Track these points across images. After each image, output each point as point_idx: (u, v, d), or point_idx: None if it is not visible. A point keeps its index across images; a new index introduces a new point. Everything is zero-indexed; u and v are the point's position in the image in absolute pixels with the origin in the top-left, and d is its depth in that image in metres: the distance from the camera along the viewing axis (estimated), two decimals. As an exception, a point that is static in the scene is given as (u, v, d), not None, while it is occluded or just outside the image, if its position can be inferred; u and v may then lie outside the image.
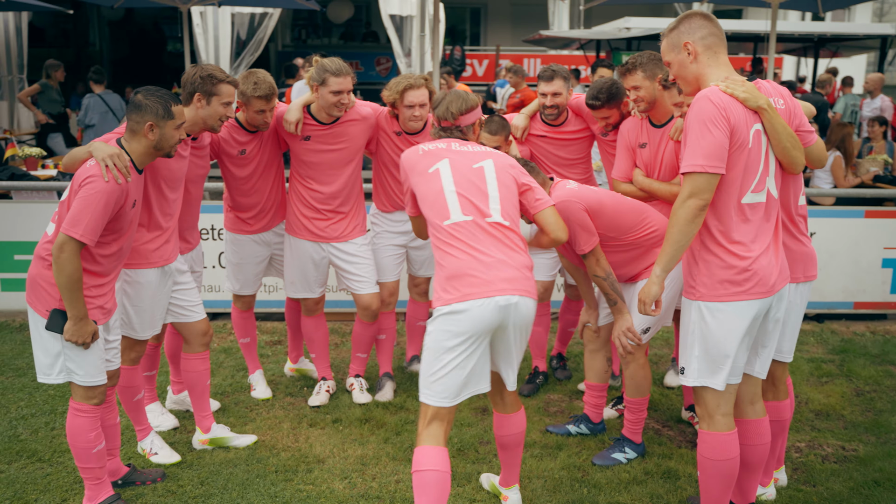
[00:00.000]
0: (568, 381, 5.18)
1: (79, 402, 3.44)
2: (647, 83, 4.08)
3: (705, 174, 2.99)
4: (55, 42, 20.00)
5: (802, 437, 4.43)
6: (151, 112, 3.39)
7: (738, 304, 3.08)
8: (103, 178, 3.23)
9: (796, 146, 3.17)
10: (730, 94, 3.02)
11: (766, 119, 3.08)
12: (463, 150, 3.41)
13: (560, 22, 17.83)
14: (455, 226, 3.19)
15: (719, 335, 3.11)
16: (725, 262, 3.08)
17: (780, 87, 3.31)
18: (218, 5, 11.17)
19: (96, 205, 3.21)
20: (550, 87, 4.60)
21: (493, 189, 3.29)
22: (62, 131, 10.82)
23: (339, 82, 4.25)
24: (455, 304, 3.07)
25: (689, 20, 3.16)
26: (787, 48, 15.22)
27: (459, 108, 3.51)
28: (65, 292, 3.23)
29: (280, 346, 5.82)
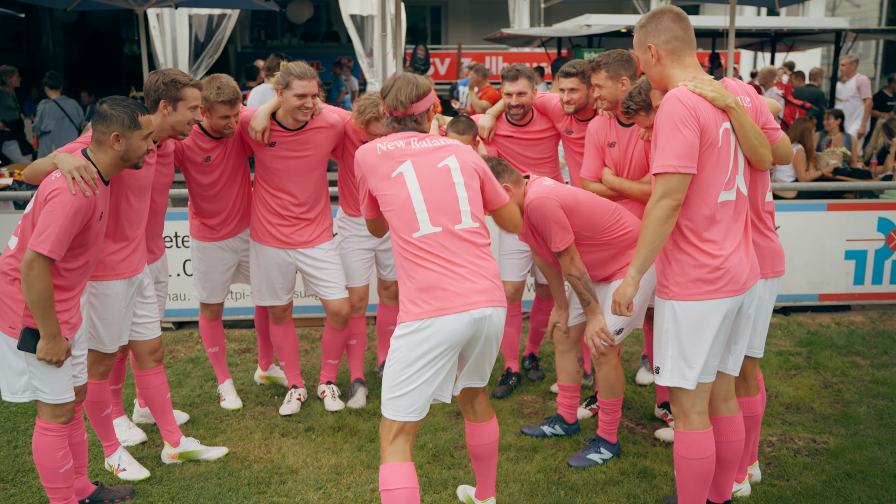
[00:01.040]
0: (541, 381, 5.18)
1: (46, 420, 3.34)
2: (610, 83, 4.09)
3: (677, 174, 2.99)
4: (6, 46, 19.54)
5: (774, 431, 4.47)
6: (117, 122, 3.29)
7: (711, 303, 3.09)
8: (70, 191, 3.14)
9: (764, 144, 3.19)
10: (698, 93, 3.03)
11: (735, 118, 3.09)
12: (423, 146, 3.17)
13: (521, 20, 17.88)
14: (424, 238, 3.05)
15: (693, 334, 3.11)
16: (698, 261, 3.09)
17: (746, 85, 3.33)
18: (175, 7, 10.98)
19: (63, 218, 3.11)
20: (515, 86, 4.58)
21: (461, 190, 3.13)
22: (17, 138, 10.55)
23: (304, 85, 4.18)
24: (428, 318, 2.97)
25: (656, 20, 3.15)
26: (744, 43, 15.42)
27: (409, 96, 3.21)
28: (36, 310, 3.13)
29: (249, 353, 5.73)
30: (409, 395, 3.02)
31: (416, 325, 2.98)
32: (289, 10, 19.30)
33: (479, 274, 3.05)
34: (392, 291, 5.05)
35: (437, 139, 3.24)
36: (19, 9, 14.25)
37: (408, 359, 3.00)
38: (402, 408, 3.03)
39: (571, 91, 4.46)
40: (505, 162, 3.88)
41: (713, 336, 3.12)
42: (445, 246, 3.04)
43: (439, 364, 3.01)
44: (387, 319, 5.11)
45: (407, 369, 3.00)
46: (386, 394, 3.07)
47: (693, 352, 3.13)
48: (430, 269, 3.01)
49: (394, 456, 3.04)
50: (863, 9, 24.79)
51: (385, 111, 3.31)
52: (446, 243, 3.05)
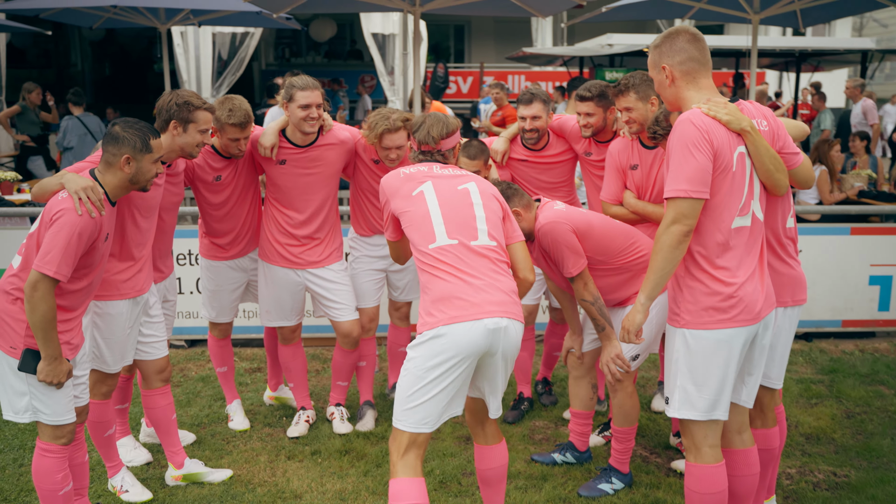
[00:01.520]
0: (554, 406, 5.07)
1: (46, 441, 3.30)
2: (640, 105, 4.01)
3: (689, 199, 2.91)
4: (37, 63, 19.86)
5: (793, 463, 4.33)
6: (129, 145, 3.28)
7: (724, 332, 3.00)
8: (76, 212, 3.11)
9: (780, 169, 3.10)
10: (712, 116, 2.95)
11: (750, 141, 3.01)
12: (445, 172, 3.33)
13: (543, 39, 17.87)
14: (440, 249, 3.08)
15: (704, 364, 3.02)
16: (710, 289, 2.99)
17: (762, 107, 3.24)
18: (198, 25, 11.08)
19: (69, 239, 3.08)
20: (529, 110, 4.51)
21: (479, 210, 3.20)
22: (42, 154, 10.67)
23: (307, 96, 4.15)
24: (442, 326, 2.95)
25: (671, 40, 3.08)
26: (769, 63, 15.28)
27: (440, 133, 3.41)
28: (38, 332, 3.10)
29: (260, 373, 5.68)
30: (422, 406, 2.99)
31: (431, 333, 2.97)
32: (312, 28, 19.43)
33: (496, 287, 3.05)
34: (403, 313, 4.98)
35: (459, 170, 3.38)
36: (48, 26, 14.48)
37: (422, 369, 2.98)
38: (416, 419, 3.00)
39: (587, 115, 4.38)
40: (515, 186, 3.82)
41: (725, 367, 3.01)
42: (461, 258, 3.07)
43: (454, 375, 2.98)
44: (397, 341, 5.04)
45: (421, 379, 2.98)
46: (399, 405, 3.04)
47: (704, 383, 3.03)
48: (445, 279, 3.03)
49: (405, 470, 3.00)
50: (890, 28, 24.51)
51: (414, 145, 3.46)
52: (462, 255, 3.08)
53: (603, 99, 4.32)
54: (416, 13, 7.40)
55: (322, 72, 21.15)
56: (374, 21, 13.00)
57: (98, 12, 9.70)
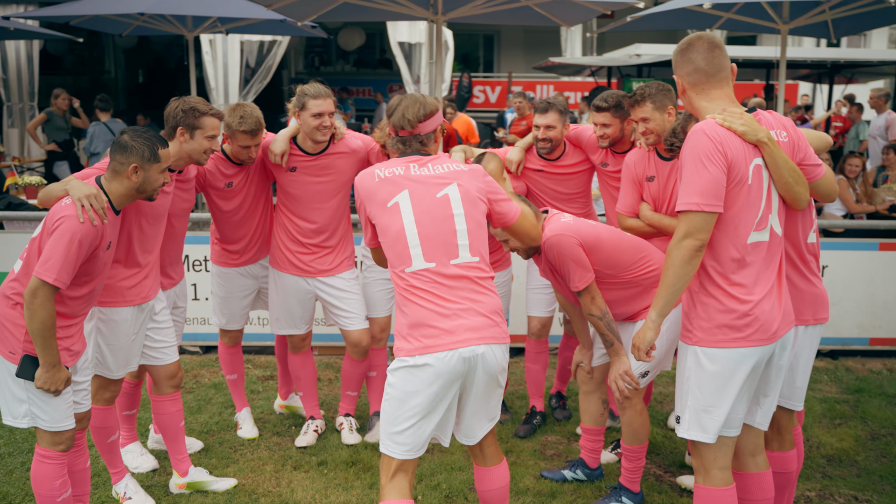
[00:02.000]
0: (567, 421, 4.97)
1: (45, 447, 3.28)
2: (657, 115, 3.92)
3: (701, 213, 2.81)
4: (72, 69, 20.17)
5: (813, 486, 4.19)
6: (137, 154, 3.26)
7: (737, 351, 2.88)
8: (78, 219, 3.10)
9: (799, 181, 2.98)
10: (727, 127, 2.86)
11: (767, 153, 2.90)
12: (423, 174, 3.04)
13: (573, 49, 17.76)
14: (416, 273, 2.93)
15: (716, 384, 2.91)
16: (724, 306, 2.88)
17: (782, 117, 3.12)
18: (226, 33, 11.15)
19: (69, 247, 3.06)
20: (544, 119, 4.44)
21: (460, 222, 2.99)
22: (69, 159, 10.80)
23: (318, 104, 4.11)
24: (417, 356, 2.87)
25: (683, 51, 3.00)
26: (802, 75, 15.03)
27: (417, 115, 3.11)
28: (37, 339, 3.08)
29: (273, 381, 5.65)
30: (405, 432, 2.92)
31: (408, 361, 2.90)
32: (340, 37, 19.52)
33: (474, 311, 2.92)
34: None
35: (440, 164, 3.10)
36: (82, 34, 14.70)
37: (400, 395, 2.91)
38: (399, 444, 2.93)
39: (604, 126, 4.30)
40: (521, 197, 3.74)
41: (738, 387, 2.90)
42: (438, 282, 2.93)
43: (433, 402, 2.90)
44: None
45: (400, 406, 2.92)
46: (383, 430, 2.97)
47: (715, 403, 2.92)
48: (421, 304, 2.92)
49: (392, 493, 2.94)
50: (929, 40, 24.01)
51: (391, 131, 3.21)
52: (439, 279, 2.93)
53: (619, 109, 4.24)
54: (439, 22, 7.36)
55: (351, 80, 21.25)
56: (400, 30, 13.01)
57: (127, 20, 9.80)
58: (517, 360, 5.86)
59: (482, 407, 3.06)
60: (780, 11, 7.45)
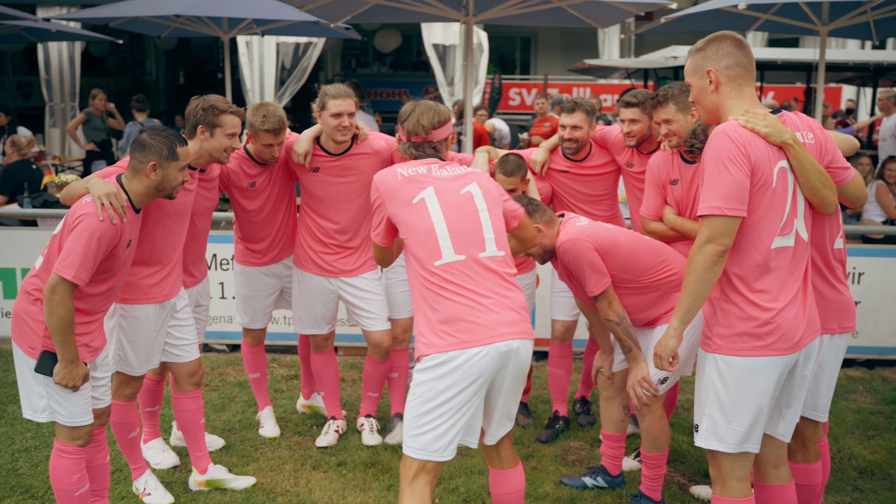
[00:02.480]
0: (591, 427, 4.90)
1: (63, 442, 3.31)
2: (680, 116, 3.84)
3: (724, 217, 2.73)
4: (115, 71, 20.55)
5: (843, 499, 4.07)
6: (155, 152, 3.28)
7: (759, 360, 2.80)
8: (97, 217, 3.13)
9: (827, 185, 2.89)
10: (750, 128, 2.78)
11: (793, 155, 2.81)
12: (445, 174, 3.11)
13: (610, 51, 17.61)
14: (447, 266, 2.93)
15: (736, 393, 2.83)
16: (745, 313, 2.80)
17: (810, 119, 3.03)
18: (261, 35, 11.26)
19: (88, 244, 3.09)
20: (571, 119, 4.38)
21: (484, 217, 3.03)
22: (106, 158, 10.99)
23: (338, 104, 4.11)
24: (453, 350, 2.83)
25: (717, 44, 2.89)
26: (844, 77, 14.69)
27: (431, 122, 3.18)
28: (56, 335, 3.11)
29: (296, 380, 5.66)
30: (431, 432, 2.87)
31: (440, 358, 2.84)
32: (377, 39, 19.60)
33: (506, 305, 2.91)
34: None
35: (457, 168, 3.15)
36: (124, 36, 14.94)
37: (430, 394, 2.86)
38: (423, 445, 2.88)
39: (632, 122, 4.23)
40: (537, 201, 3.70)
41: (759, 398, 2.82)
42: (469, 276, 2.92)
43: (464, 401, 2.86)
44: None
45: (429, 404, 2.86)
46: (407, 430, 2.93)
47: (735, 413, 2.84)
48: (454, 300, 2.88)
49: (412, 498, 2.89)
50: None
51: (403, 136, 3.25)
52: (470, 273, 2.93)
53: (649, 106, 4.16)
54: (470, 23, 7.34)
55: (387, 82, 21.32)
56: (435, 32, 13.02)
57: (164, 22, 9.94)
58: (541, 363, 5.81)
59: (506, 405, 3.04)
60: (820, 12, 7.29)
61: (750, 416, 2.84)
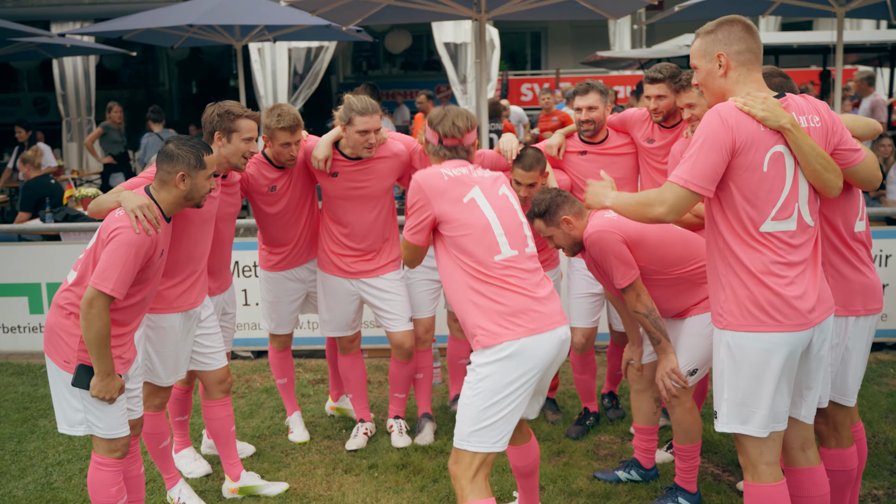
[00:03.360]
0: (621, 420, 4.87)
1: (101, 455, 3.33)
2: (703, 101, 3.79)
3: (685, 190, 2.78)
4: (128, 83, 20.70)
5: (880, 484, 4.01)
6: (184, 162, 3.30)
7: (769, 338, 2.77)
8: (133, 230, 3.15)
9: (829, 168, 2.84)
10: (746, 111, 2.75)
11: (791, 140, 2.77)
12: (482, 175, 3.25)
13: (621, 42, 17.51)
14: (507, 261, 3.07)
15: (750, 373, 2.80)
16: (753, 291, 2.78)
17: (818, 102, 2.98)
18: (273, 41, 11.31)
19: (126, 257, 3.12)
20: (585, 100, 4.35)
21: (521, 216, 3.24)
22: (124, 170, 11.06)
23: (366, 121, 4.08)
24: (523, 338, 2.95)
25: (729, 28, 2.86)
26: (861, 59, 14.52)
27: (466, 125, 3.28)
28: (93, 348, 3.13)
29: (323, 384, 5.67)
30: (497, 423, 2.96)
31: (512, 346, 2.94)
32: (387, 40, 19.61)
33: (553, 296, 3.12)
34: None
35: (486, 170, 3.31)
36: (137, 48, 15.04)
37: (499, 385, 2.95)
38: (489, 439, 2.96)
39: (658, 98, 4.18)
40: (566, 193, 3.67)
41: (775, 377, 2.79)
42: (524, 269, 3.10)
43: (528, 388, 3.01)
44: (458, 353, 4.93)
45: (498, 395, 2.96)
46: (468, 426, 2.98)
47: (752, 394, 2.81)
48: (518, 292, 3.04)
49: (476, 493, 2.97)
50: None
51: (432, 139, 3.29)
52: (524, 267, 3.11)
53: (675, 80, 4.12)
54: (483, 20, 7.31)
55: (399, 83, 21.30)
56: (445, 31, 12.99)
57: (177, 32, 10.01)
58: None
59: (544, 384, 3.20)
60: (836, -6, 7.20)
61: (768, 396, 2.81)
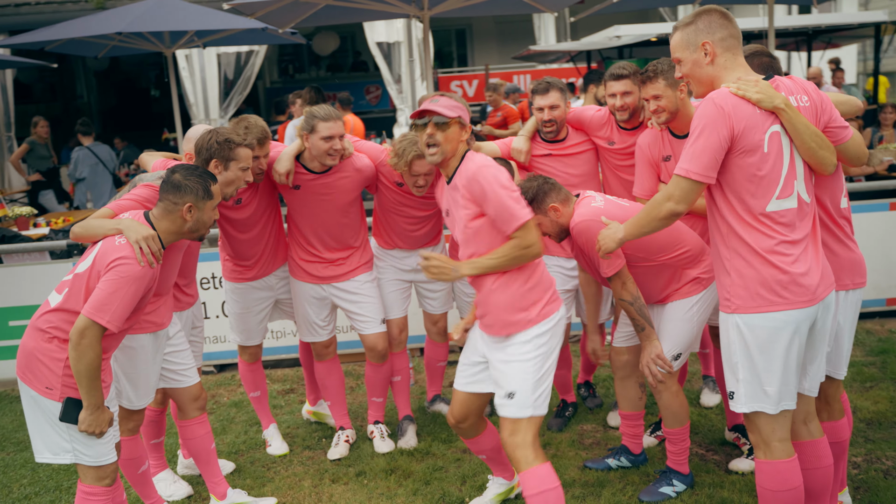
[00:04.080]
0: (599, 409, 4.90)
1: (89, 484, 3.16)
2: (670, 92, 3.79)
3: (689, 180, 2.85)
4: (43, 97, 19.87)
5: (858, 451, 4.15)
6: (192, 193, 3.19)
7: (779, 316, 2.83)
8: (137, 262, 3.01)
9: (823, 146, 2.92)
10: (740, 95, 2.81)
11: (786, 119, 2.84)
12: None
13: (547, 36, 17.68)
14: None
15: (763, 353, 2.86)
16: (759, 272, 2.84)
17: (805, 82, 3.06)
18: (203, 47, 11.00)
19: (127, 289, 2.99)
20: (546, 99, 4.32)
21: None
22: (53, 187, 10.60)
23: (329, 127, 4.00)
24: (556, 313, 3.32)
25: (708, 17, 2.92)
26: (779, 43, 15.01)
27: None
28: (83, 380, 2.97)
29: (293, 394, 5.54)
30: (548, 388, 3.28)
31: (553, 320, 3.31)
32: (315, 42, 19.36)
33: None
34: (440, 327, 4.80)
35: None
36: (53, 59, 14.46)
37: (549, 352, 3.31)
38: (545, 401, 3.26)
39: (624, 95, 4.17)
40: (552, 180, 3.66)
41: (787, 353, 2.86)
42: None
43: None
44: (435, 356, 4.88)
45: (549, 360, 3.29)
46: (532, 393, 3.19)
47: (768, 372, 2.87)
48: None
49: (542, 456, 3.18)
50: (897, 1, 24.19)
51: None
52: None
53: (641, 73, 4.14)
54: (426, 17, 7.26)
55: (326, 85, 21.00)
56: (377, 30, 12.89)
57: (102, 41, 9.63)
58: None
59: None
60: (768, -21, 7.41)
61: (782, 373, 2.87)
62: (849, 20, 12.45)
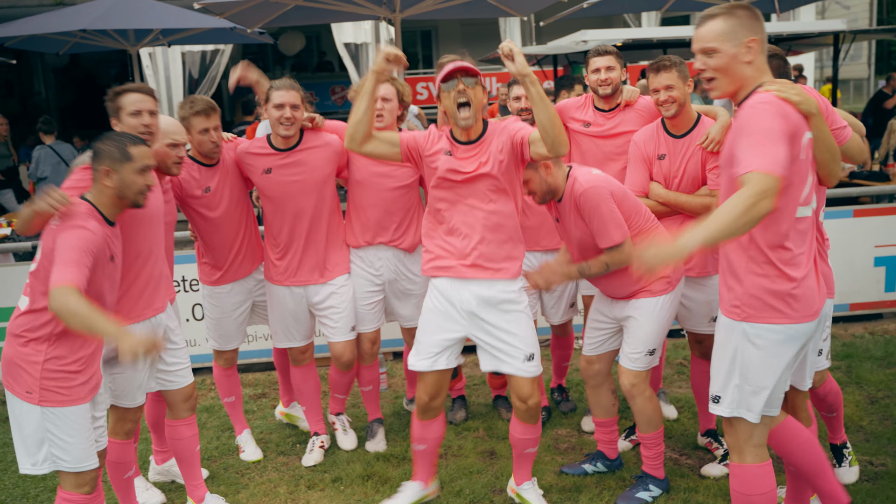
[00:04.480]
0: (573, 413, 4.94)
1: (69, 491, 3.09)
2: (681, 84, 3.80)
3: (774, 177, 2.55)
4: (-1, 93, 19.43)
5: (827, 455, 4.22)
6: (107, 156, 3.09)
7: (788, 329, 2.84)
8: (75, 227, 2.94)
9: (836, 158, 2.96)
10: (783, 98, 2.73)
11: (816, 125, 2.84)
12: None
13: (513, 39, 17.78)
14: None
15: (764, 362, 2.88)
16: (774, 283, 2.81)
17: (805, 86, 3.09)
18: (168, 45, 10.85)
19: (73, 245, 2.89)
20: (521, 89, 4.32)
21: None
22: (13, 186, 10.35)
23: (281, 95, 4.00)
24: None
25: (749, 12, 2.78)
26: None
27: None
28: (87, 329, 2.78)
29: (265, 399, 5.49)
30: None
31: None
32: (281, 42, 19.20)
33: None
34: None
35: None
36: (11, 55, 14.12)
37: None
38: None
39: (609, 69, 4.19)
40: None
41: (784, 365, 2.89)
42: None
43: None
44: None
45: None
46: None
47: (761, 380, 2.89)
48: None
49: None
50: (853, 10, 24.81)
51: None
52: None
53: (619, 55, 4.20)
54: (397, 20, 7.26)
55: (291, 86, 20.88)
56: (345, 31, 12.85)
57: (65, 38, 9.46)
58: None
59: None
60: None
61: (774, 384, 2.90)
62: (809, 28, 12.70)
